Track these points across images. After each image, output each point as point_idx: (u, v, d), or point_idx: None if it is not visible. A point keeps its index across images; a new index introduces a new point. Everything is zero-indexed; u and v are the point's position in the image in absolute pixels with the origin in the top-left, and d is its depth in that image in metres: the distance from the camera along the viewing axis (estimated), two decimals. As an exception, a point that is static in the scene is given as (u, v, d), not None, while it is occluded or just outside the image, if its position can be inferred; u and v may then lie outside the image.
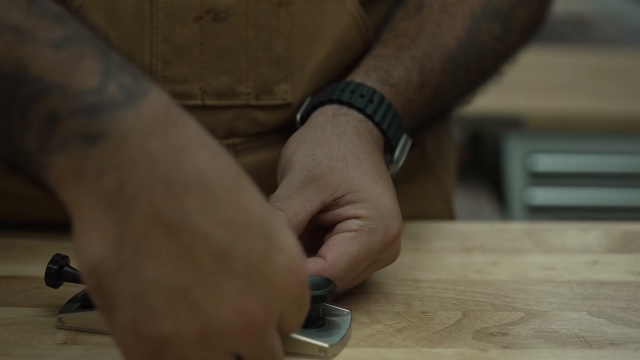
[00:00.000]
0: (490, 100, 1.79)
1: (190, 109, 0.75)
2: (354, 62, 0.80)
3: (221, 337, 0.51)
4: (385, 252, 0.68)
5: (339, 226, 0.67)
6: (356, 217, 0.67)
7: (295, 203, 0.67)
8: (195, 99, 0.76)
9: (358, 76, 0.75)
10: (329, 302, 0.65)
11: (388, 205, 0.68)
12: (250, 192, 0.51)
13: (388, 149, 0.74)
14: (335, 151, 0.69)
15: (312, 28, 0.77)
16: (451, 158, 0.97)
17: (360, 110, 0.73)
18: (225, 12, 0.75)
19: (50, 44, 0.51)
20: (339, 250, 0.66)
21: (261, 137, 0.79)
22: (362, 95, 0.73)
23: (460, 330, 0.66)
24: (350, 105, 0.73)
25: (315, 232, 0.69)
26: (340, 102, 0.73)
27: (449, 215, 0.96)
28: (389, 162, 0.74)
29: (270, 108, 0.77)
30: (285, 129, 0.78)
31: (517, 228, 0.89)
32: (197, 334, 0.50)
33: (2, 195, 0.78)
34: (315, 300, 0.63)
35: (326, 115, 0.73)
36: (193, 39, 0.75)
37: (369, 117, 0.73)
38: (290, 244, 0.52)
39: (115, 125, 0.49)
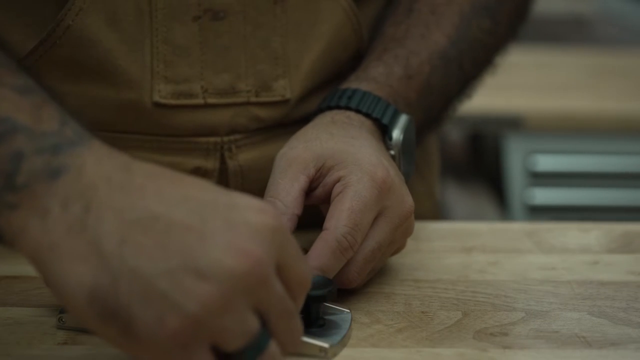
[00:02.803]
0: (490, 100, 1.80)
1: (192, 108, 0.76)
2: (349, 59, 0.82)
3: (238, 289, 0.52)
4: (387, 201, 0.69)
5: (332, 197, 0.69)
6: (339, 180, 0.69)
7: (282, 185, 0.70)
8: (197, 97, 0.76)
9: (341, 86, 0.78)
10: (329, 302, 0.65)
11: (365, 157, 0.70)
12: (196, 180, 0.55)
13: (383, 128, 0.76)
14: (309, 134, 0.73)
15: (307, 25, 0.78)
16: (434, 153, 0.98)
17: (338, 106, 0.76)
18: (223, 11, 0.75)
19: (15, 88, 0.57)
20: (334, 213, 0.67)
21: (261, 133, 0.80)
22: (339, 97, 0.76)
23: (461, 330, 0.67)
24: (329, 108, 0.76)
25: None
26: (320, 110, 0.77)
27: (434, 211, 0.96)
28: (389, 139, 0.76)
29: (269, 104, 0.78)
30: (284, 125, 0.80)
31: (517, 228, 0.89)
32: (217, 297, 0.51)
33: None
34: (315, 300, 0.63)
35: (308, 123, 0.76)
36: (192, 39, 0.75)
37: (347, 108, 0.75)
38: (246, 197, 0.55)
39: (73, 160, 0.54)
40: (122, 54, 0.74)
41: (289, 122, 0.80)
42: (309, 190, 0.71)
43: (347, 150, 0.70)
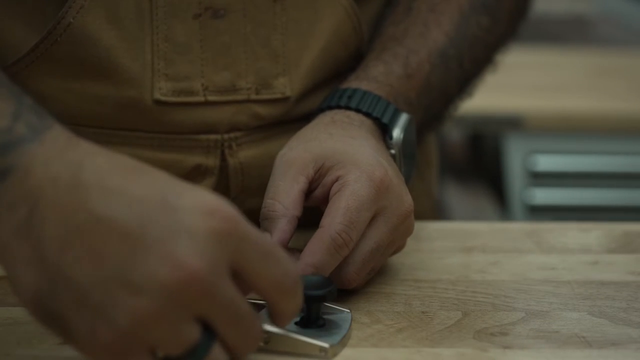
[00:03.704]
0: (490, 100, 1.80)
1: (193, 105, 0.76)
2: (349, 57, 0.82)
3: (172, 303, 0.51)
4: (385, 201, 0.69)
5: (329, 196, 0.69)
6: (337, 179, 0.69)
7: (282, 187, 0.69)
8: (197, 95, 0.76)
9: (341, 85, 0.78)
10: (329, 302, 0.65)
11: (363, 157, 0.70)
12: (151, 176, 0.54)
13: (384, 128, 0.76)
14: (308, 135, 0.73)
15: (307, 22, 0.78)
16: (433, 153, 0.98)
17: (338, 106, 0.76)
18: (223, 9, 0.75)
19: None
20: (330, 211, 0.67)
21: (261, 131, 0.80)
22: (340, 97, 0.77)
23: (461, 330, 0.66)
24: (329, 108, 0.76)
25: None
26: (321, 110, 0.77)
27: (433, 210, 0.96)
28: (389, 138, 0.76)
29: (269, 102, 0.78)
30: (285, 123, 0.80)
31: (517, 228, 0.89)
32: (149, 312, 0.51)
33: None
34: (315, 300, 0.63)
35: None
36: (193, 36, 0.75)
37: (347, 107, 0.75)
38: (198, 197, 0.53)
39: (21, 159, 0.53)
40: (122, 52, 0.74)
41: (290, 119, 0.80)
42: (309, 191, 0.71)
43: (346, 150, 0.70)
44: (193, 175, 0.78)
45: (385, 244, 0.69)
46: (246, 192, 0.79)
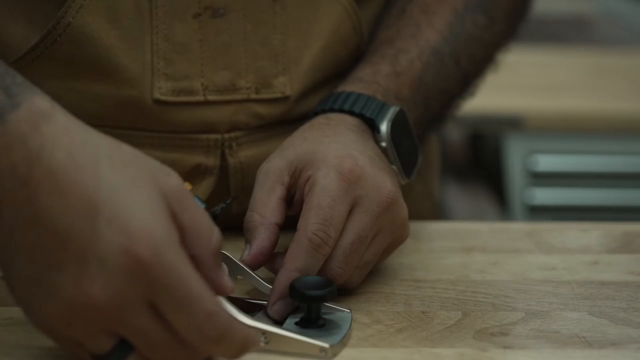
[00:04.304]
0: (490, 100, 1.80)
1: (192, 105, 0.76)
2: (349, 56, 0.82)
3: (79, 317, 0.54)
4: (360, 190, 0.68)
5: (304, 198, 0.69)
6: (308, 179, 0.69)
7: (259, 198, 0.70)
8: (197, 95, 0.76)
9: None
10: (329, 302, 0.65)
11: (330, 152, 0.69)
12: (103, 178, 0.54)
13: (371, 123, 0.76)
14: (285, 143, 0.73)
15: (307, 22, 0.79)
16: (434, 153, 0.98)
17: (322, 110, 0.76)
18: (223, 9, 0.75)
19: None
20: (303, 212, 0.67)
21: (261, 131, 0.80)
22: (325, 102, 0.77)
23: (461, 330, 0.66)
24: (315, 113, 0.76)
25: None
26: (308, 117, 0.77)
27: (433, 211, 0.96)
28: (377, 132, 0.75)
29: (269, 101, 0.78)
30: (285, 123, 0.80)
31: (517, 228, 0.89)
32: (59, 315, 0.54)
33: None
34: (315, 300, 0.63)
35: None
36: (193, 36, 0.75)
37: (330, 110, 0.75)
38: (136, 223, 0.53)
39: None
40: (122, 51, 0.74)
41: (289, 119, 0.80)
42: (291, 198, 0.71)
43: (316, 150, 0.70)
44: (193, 174, 0.78)
45: (368, 234, 0.68)
46: (246, 191, 0.79)
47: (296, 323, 0.65)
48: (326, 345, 0.62)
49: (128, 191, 0.54)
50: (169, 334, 0.55)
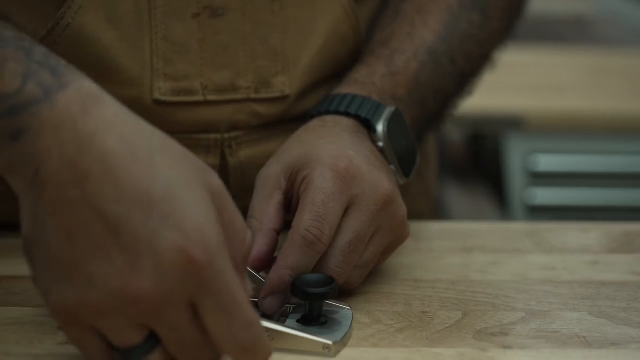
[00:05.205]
0: (490, 100, 1.81)
1: (192, 105, 0.76)
2: (348, 55, 0.82)
3: (118, 308, 0.53)
4: (356, 189, 0.68)
5: (300, 198, 0.69)
6: (303, 180, 0.69)
7: (258, 204, 0.70)
8: (197, 95, 0.76)
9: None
10: (330, 299, 0.65)
11: (325, 152, 0.69)
12: (159, 172, 0.54)
13: (367, 123, 0.75)
14: (282, 148, 0.73)
15: (305, 21, 0.79)
16: (432, 152, 0.98)
17: (318, 113, 0.76)
18: (222, 8, 0.76)
19: None
20: (298, 210, 0.67)
21: (261, 130, 0.80)
22: (321, 105, 0.77)
23: (461, 330, 0.66)
24: (311, 116, 0.76)
25: None
26: (305, 120, 0.77)
27: (431, 209, 0.96)
28: (373, 132, 0.75)
29: (269, 101, 0.78)
30: (284, 122, 0.80)
31: (517, 228, 0.89)
32: (96, 304, 0.53)
33: (3, 197, 0.78)
34: (317, 297, 0.64)
35: None
36: (192, 36, 0.75)
37: (326, 112, 0.75)
38: (192, 223, 0.53)
39: (32, 121, 0.54)
40: (121, 52, 0.74)
41: (289, 118, 0.80)
42: (290, 203, 0.70)
43: (311, 152, 0.70)
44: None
45: (366, 232, 0.68)
46: (246, 190, 0.79)
47: (298, 321, 0.65)
48: (330, 342, 0.62)
49: (182, 188, 0.53)
50: (201, 334, 0.54)
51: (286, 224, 0.70)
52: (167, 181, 0.53)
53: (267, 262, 0.68)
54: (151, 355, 0.55)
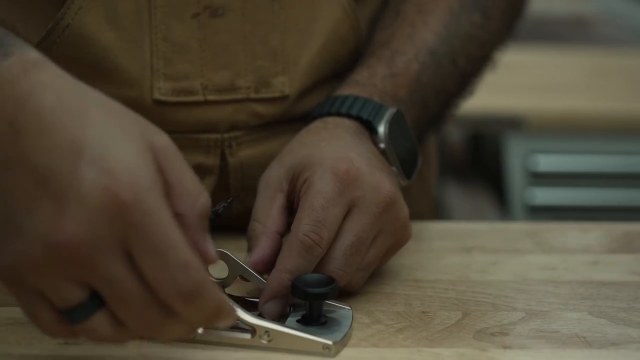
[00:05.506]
0: (490, 100, 1.80)
1: (192, 105, 0.76)
2: (348, 55, 0.82)
3: (51, 258, 0.52)
4: (357, 191, 0.68)
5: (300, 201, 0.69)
6: (304, 183, 0.69)
7: (260, 207, 0.70)
8: (197, 94, 0.76)
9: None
10: (330, 299, 0.65)
11: (326, 154, 0.69)
12: (91, 121, 0.53)
13: (369, 125, 0.75)
14: (284, 150, 0.73)
15: (305, 21, 0.79)
16: (432, 152, 0.98)
17: (320, 115, 0.76)
18: (221, 8, 0.76)
19: None
20: (298, 213, 0.67)
21: (261, 130, 0.80)
22: (322, 106, 0.77)
23: (461, 330, 0.66)
24: (312, 118, 0.77)
25: None
26: (306, 121, 0.77)
27: (431, 210, 0.96)
28: (374, 133, 0.75)
29: (269, 101, 0.78)
30: (285, 122, 0.80)
31: (517, 228, 0.89)
32: (29, 257, 0.52)
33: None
34: (317, 297, 0.63)
35: None
36: (192, 36, 0.75)
37: (327, 114, 0.75)
38: (120, 166, 0.52)
39: None
40: (121, 52, 0.74)
41: (289, 118, 0.80)
42: (292, 205, 0.70)
43: (312, 154, 0.70)
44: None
45: (368, 235, 0.68)
46: (246, 191, 0.79)
47: (298, 321, 0.65)
48: (330, 342, 0.62)
49: (115, 138, 0.53)
50: (142, 287, 0.53)
51: (289, 225, 0.70)
52: (99, 130, 0.53)
53: (270, 265, 0.67)
54: (95, 315, 0.54)
